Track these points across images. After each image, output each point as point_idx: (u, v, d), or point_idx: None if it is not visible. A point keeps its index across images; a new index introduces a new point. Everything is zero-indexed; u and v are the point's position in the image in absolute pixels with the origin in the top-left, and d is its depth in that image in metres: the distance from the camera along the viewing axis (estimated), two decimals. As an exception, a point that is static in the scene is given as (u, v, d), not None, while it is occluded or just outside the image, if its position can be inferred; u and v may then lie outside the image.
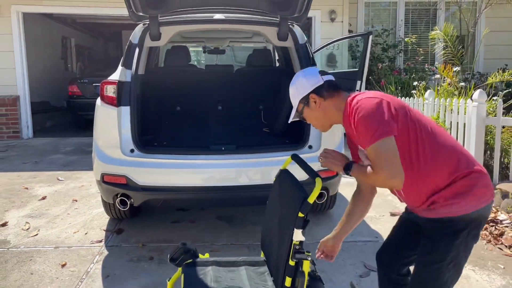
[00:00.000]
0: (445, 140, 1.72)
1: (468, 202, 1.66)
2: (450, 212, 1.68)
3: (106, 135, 3.20)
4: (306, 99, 1.88)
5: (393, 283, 2.06)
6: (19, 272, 3.02)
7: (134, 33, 3.46)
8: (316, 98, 1.86)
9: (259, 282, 2.03)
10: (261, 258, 2.28)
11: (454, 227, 1.67)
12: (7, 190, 4.90)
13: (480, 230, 1.76)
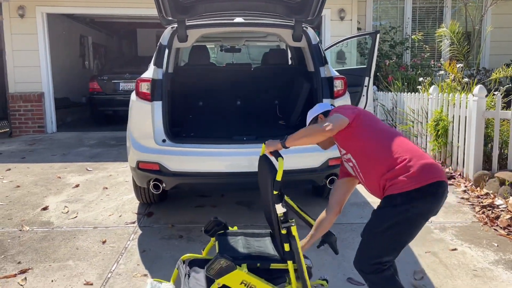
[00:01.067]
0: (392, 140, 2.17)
1: (406, 182, 2.00)
2: (391, 191, 2.06)
3: (140, 127, 3.59)
4: (316, 118, 2.53)
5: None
6: (66, 247, 3.44)
7: (164, 35, 3.84)
8: (322, 117, 2.49)
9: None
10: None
11: (393, 202, 2.04)
12: (42, 179, 5.34)
13: (429, 209, 2.05)
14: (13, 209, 4.26)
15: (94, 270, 3.06)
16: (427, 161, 2.07)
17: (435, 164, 2.09)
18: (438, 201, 2.05)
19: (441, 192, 2.04)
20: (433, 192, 2.02)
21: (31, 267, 3.09)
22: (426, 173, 2.01)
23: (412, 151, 2.10)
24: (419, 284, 2.84)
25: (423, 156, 2.10)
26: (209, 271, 2.12)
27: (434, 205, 2.05)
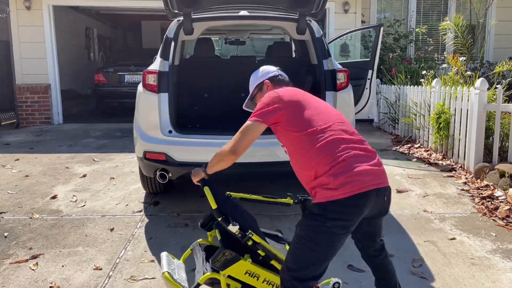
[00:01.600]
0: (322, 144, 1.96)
1: (323, 193, 1.89)
2: (315, 199, 1.96)
3: (147, 118, 3.68)
4: (261, 84, 2.40)
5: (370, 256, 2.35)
6: (75, 234, 3.55)
7: (170, 28, 3.91)
8: (269, 84, 2.37)
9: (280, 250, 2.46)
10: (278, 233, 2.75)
11: (313, 211, 1.93)
12: (50, 169, 5.45)
13: (347, 223, 1.89)
14: (23, 198, 4.37)
15: (103, 256, 3.16)
16: (352, 171, 1.89)
17: (362, 172, 1.90)
18: (357, 212, 1.90)
19: (361, 204, 1.89)
20: (352, 204, 1.87)
21: (42, 253, 3.20)
22: (346, 185, 1.86)
23: (343, 155, 1.92)
24: (418, 271, 2.93)
25: (350, 163, 1.90)
26: (214, 263, 2.17)
27: (352, 216, 1.90)
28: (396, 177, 5.04)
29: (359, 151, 1.98)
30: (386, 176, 2.04)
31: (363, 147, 2.03)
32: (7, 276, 2.89)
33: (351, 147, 1.98)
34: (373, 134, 7.99)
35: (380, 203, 2.01)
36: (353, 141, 2.02)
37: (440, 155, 5.80)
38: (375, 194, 1.93)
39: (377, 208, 2.02)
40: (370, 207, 1.95)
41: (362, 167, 1.91)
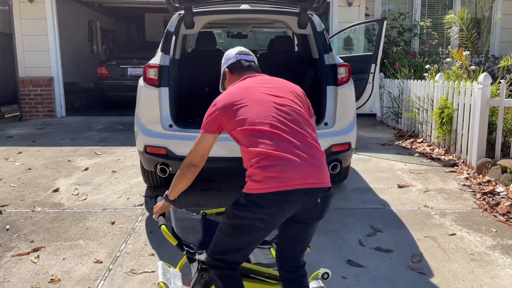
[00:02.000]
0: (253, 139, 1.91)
1: (250, 185, 1.86)
2: (243, 189, 1.90)
3: (148, 112, 3.68)
4: (223, 74, 2.37)
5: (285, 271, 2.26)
6: (76, 227, 3.57)
7: (171, 22, 3.90)
8: (228, 73, 2.33)
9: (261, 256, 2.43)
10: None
11: (239, 200, 1.89)
12: (53, 162, 5.48)
13: (268, 218, 1.84)
14: (25, 191, 4.40)
15: (103, 249, 3.18)
16: (279, 167, 1.83)
17: (289, 169, 1.83)
18: (280, 209, 1.84)
19: (285, 201, 1.83)
20: (274, 200, 1.82)
21: (43, 246, 3.23)
22: (270, 180, 1.82)
23: (273, 149, 1.86)
24: (416, 267, 2.93)
25: (279, 158, 1.84)
26: (194, 286, 2.15)
27: (274, 212, 1.85)
28: (397, 172, 5.03)
29: (293, 146, 1.88)
30: (326, 176, 1.91)
31: (300, 142, 1.91)
32: (9, 268, 2.91)
33: (285, 139, 1.89)
34: (375, 128, 7.96)
35: (312, 205, 1.88)
36: (289, 133, 1.91)
37: (442, 150, 5.78)
38: (304, 194, 1.84)
39: (308, 210, 1.90)
40: (297, 207, 1.87)
41: (292, 163, 1.83)
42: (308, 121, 2.05)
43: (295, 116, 1.99)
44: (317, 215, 1.94)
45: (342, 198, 4.22)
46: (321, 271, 2.42)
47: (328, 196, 1.92)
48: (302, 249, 2.07)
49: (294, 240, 2.03)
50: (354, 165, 5.25)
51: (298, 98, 2.12)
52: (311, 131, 2.01)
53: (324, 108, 3.73)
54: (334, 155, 3.68)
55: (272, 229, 1.94)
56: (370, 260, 3.04)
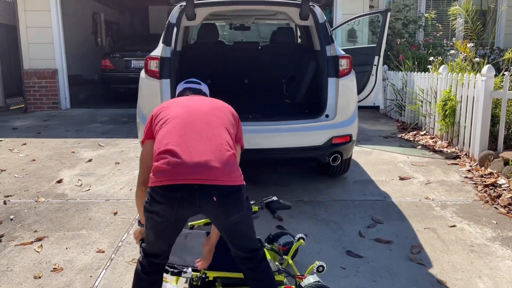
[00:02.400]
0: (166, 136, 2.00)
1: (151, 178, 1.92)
2: None
3: (150, 104, 3.69)
4: None
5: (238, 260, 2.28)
6: (79, 217, 3.61)
7: (172, 14, 3.90)
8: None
9: None
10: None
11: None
12: (57, 153, 5.52)
13: (162, 211, 1.88)
14: (29, 182, 4.44)
15: (106, 239, 3.22)
16: (169, 159, 1.88)
17: (178, 163, 1.86)
18: (169, 202, 1.87)
19: (171, 196, 1.85)
20: (162, 194, 1.86)
21: (46, 235, 3.27)
22: (159, 173, 1.88)
23: (169, 144, 1.93)
24: (416, 258, 2.95)
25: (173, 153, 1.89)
26: None
27: (163, 206, 1.88)
28: (399, 164, 5.04)
29: (189, 143, 1.93)
30: (225, 175, 1.89)
31: (201, 142, 1.95)
32: (12, 257, 2.96)
33: (183, 138, 1.95)
34: (378, 121, 7.95)
35: (210, 203, 1.88)
36: (191, 133, 1.98)
37: (445, 142, 5.77)
38: (195, 190, 1.85)
39: (208, 208, 1.91)
40: (190, 203, 1.87)
41: (184, 158, 1.87)
42: (222, 130, 2.06)
43: (202, 123, 2.05)
44: (225, 215, 1.91)
45: (343, 190, 4.23)
46: (316, 264, 2.45)
47: (224, 194, 1.87)
48: (236, 245, 2.04)
49: (225, 236, 2.03)
50: (356, 157, 5.26)
51: (222, 114, 2.17)
52: (219, 137, 2.00)
53: (325, 100, 3.73)
54: (335, 147, 3.69)
55: (177, 224, 1.96)
56: (369, 251, 3.06)
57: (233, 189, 1.91)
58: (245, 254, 2.06)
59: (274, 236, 2.80)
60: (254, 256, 2.06)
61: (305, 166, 5.00)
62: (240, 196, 1.94)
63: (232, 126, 2.19)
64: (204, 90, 2.65)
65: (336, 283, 2.64)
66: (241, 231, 2.02)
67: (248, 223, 2.05)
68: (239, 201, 1.94)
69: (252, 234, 2.07)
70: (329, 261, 2.89)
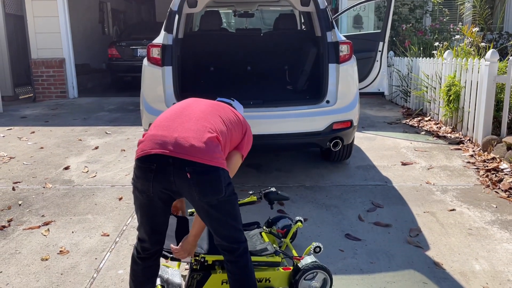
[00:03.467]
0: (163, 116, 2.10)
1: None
2: None
3: (152, 91, 3.76)
4: None
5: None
6: (85, 203, 3.70)
7: (174, 0, 3.92)
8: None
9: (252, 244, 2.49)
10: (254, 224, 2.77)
11: None
12: (64, 141, 5.62)
13: (139, 186, 1.91)
14: (37, 169, 4.55)
15: (110, 223, 3.31)
16: (148, 135, 1.96)
17: (156, 137, 1.92)
18: (144, 173, 1.89)
19: (145, 168, 1.88)
20: (138, 166, 1.91)
21: (53, 220, 3.37)
22: (139, 146, 1.95)
23: (156, 126, 2.00)
24: (413, 241, 2.99)
25: (156, 129, 1.96)
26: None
27: (141, 177, 1.91)
28: (402, 150, 5.05)
29: (176, 126, 1.96)
30: (201, 153, 1.87)
31: (185, 123, 1.98)
32: (20, 241, 3.06)
33: (171, 120, 2.01)
34: (384, 107, 7.93)
35: (184, 179, 1.86)
36: (181, 117, 2.02)
37: (449, 128, 5.76)
38: (167, 162, 1.85)
39: (183, 185, 1.88)
40: (164, 177, 1.87)
41: (162, 133, 1.93)
42: (214, 118, 2.07)
43: (197, 112, 2.08)
44: (198, 194, 1.88)
45: (344, 175, 4.27)
46: (313, 245, 2.50)
47: (199, 172, 1.85)
48: (215, 232, 2.00)
49: (205, 218, 1.98)
50: (359, 143, 5.29)
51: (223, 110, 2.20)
52: (205, 121, 2.02)
53: (326, 86, 3.75)
54: (336, 133, 3.72)
55: (158, 203, 1.95)
56: (368, 234, 3.11)
57: (209, 169, 1.87)
58: (225, 244, 2.00)
59: (273, 220, 2.86)
60: (234, 249, 2.00)
61: (308, 152, 5.04)
62: (217, 177, 1.88)
63: (233, 125, 2.17)
64: (234, 106, 2.54)
65: (334, 265, 2.70)
66: (220, 217, 1.95)
67: (229, 210, 1.97)
68: (216, 182, 1.89)
69: (234, 223, 2.00)
70: (328, 243, 2.95)
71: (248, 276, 2.03)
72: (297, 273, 2.31)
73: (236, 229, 2.01)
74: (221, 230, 1.99)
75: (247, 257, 2.04)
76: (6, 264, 2.77)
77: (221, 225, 1.97)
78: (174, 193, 1.95)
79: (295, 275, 2.32)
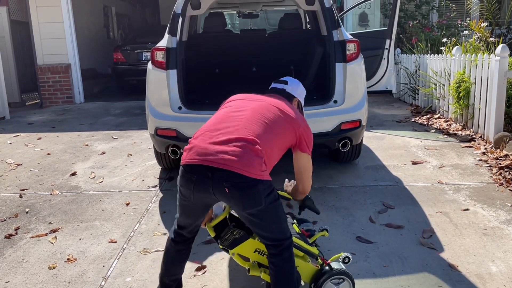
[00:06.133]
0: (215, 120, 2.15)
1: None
2: None
3: (157, 95, 3.72)
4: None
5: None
6: (93, 209, 3.67)
7: (177, 3, 3.88)
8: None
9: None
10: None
11: None
12: (71, 147, 5.61)
13: (182, 187, 2.01)
14: (44, 175, 4.53)
15: (118, 230, 3.27)
16: (193, 143, 2.01)
17: (200, 146, 1.96)
18: (186, 183, 1.97)
19: (187, 177, 1.96)
20: (181, 172, 2.00)
21: (60, 227, 3.34)
22: (185, 153, 2.02)
23: (203, 133, 2.05)
24: (427, 242, 2.92)
25: (202, 139, 2.00)
26: (223, 242, 2.19)
27: (183, 185, 2.00)
28: (412, 148, 4.97)
29: (218, 135, 1.99)
30: (240, 164, 1.88)
31: (226, 136, 1.98)
32: (27, 249, 3.03)
33: (216, 132, 2.03)
34: (392, 105, 7.84)
35: (223, 193, 1.91)
36: (224, 129, 2.03)
37: (460, 125, 5.67)
38: (207, 176, 1.89)
39: (222, 197, 1.95)
40: (204, 189, 1.93)
41: (205, 144, 1.97)
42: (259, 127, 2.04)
43: (246, 115, 2.09)
44: (239, 206, 1.94)
45: (354, 176, 4.20)
46: (342, 255, 2.41)
47: (237, 187, 1.87)
48: (261, 232, 2.04)
49: (246, 223, 2.06)
50: (368, 142, 5.21)
51: (275, 110, 2.17)
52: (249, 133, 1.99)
53: (333, 86, 3.69)
54: (344, 133, 3.66)
55: (199, 207, 2.07)
56: (380, 237, 3.04)
57: (248, 183, 1.88)
58: (267, 242, 2.06)
59: (297, 220, 2.79)
60: (277, 245, 2.04)
61: (316, 153, 4.98)
62: (255, 190, 1.90)
63: (282, 128, 2.15)
64: (289, 89, 2.50)
65: (346, 269, 2.63)
66: (261, 223, 2.01)
67: (271, 216, 2.01)
68: (254, 195, 1.91)
69: (277, 226, 2.03)
70: (339, 247, 2.89)
71: (289, 271, 2.06)
72: (326, 272, 2.25)
73: (279, 229, 2.05)
74: (263, 233, 2.06)
75: (291, 251, 2.07)
76: (14, 274, 2.75)
77: (263, 229, 2.04)
78: (215, 200, 2.05)
79: (323, 275, 2.25)
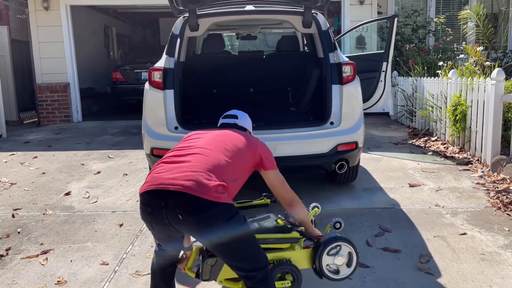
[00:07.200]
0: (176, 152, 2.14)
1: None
2: None
3: (154, 115, 3.71)
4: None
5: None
6: (85, 230, 3.62)
7: (176, 25, 3.93)
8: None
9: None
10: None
11: None
12: (66, 166, 5.57)
13: (143, 217, 1.98)
14: (38, 194, 4.49)
15: (110, 251, 3.22)
16: (154, 172, 1.97)
17: (156, 177, 1.90)
18: (144, 216, 1.95)
19: (144, 209, 1.93)
20: (140, 205, 1.99)
21: (52, 248, 3.28)
22: (143, 184, 1.99)
23: (160, 165, 2.04)
24: (424, 267, 2.87)
25: (159, 170, 1.97)
26: (203, 276, 2.13)
27: (143, 218, 1.99)
28: (409, 171, 4.95)
29: (172, 169, 1.94)
30: (196, 186, 1.79)
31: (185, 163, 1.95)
32: (18, 271, 2.97)
33: (171, 164, 2.00)
34: (389, 127, 7.86)
35: (178, 221, 1.81)
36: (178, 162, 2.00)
37: (457, 148, 5.66)
38: (159, 202, 1.83)
39: (178, 226, 1.86)
40: (161, 221, 1.86)
41: (158, 174, 1.93)
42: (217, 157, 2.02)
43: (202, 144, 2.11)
44: (197, 235, 1.86)
45: (351, 198, 4.17)
46: (331, 222, 2.39)
47: (191, 212, 1.75)
48: (230, 263, 1.95)
49: (216, 254, 2.02)
50: (365, 164, 5.19)
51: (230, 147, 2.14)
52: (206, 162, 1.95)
53: (330, 107, 3.70)
54: (340, 155, 3.65)
55: (163, 237, 2.06)
56: (376, 261, 2.99)
57: (203, 205, 1.74)
58: (240, 273, 1.92)
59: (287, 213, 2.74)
60: (250, 277, 1.88)
61: (313, 174, 4.95)
62: (211, 214, 1.76)
63: (241, 152, 2.16)
64: (240, 123, 2.51)
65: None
66: (226, 251, 1.87)
67: (237, 243, 1.84)
68: (211, 220, 1.76)
69: (246, 254, 1.89)
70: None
71: None
72: (317, 248, 2.19)
73: (250, 258, 1.89)
74: (233, 263, 1.92)
75: (267, 284, 1.90)
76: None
77: (231, 258, 1.90)
78: (175, 232, 1.94)
79: (316, 252, 2.19)
